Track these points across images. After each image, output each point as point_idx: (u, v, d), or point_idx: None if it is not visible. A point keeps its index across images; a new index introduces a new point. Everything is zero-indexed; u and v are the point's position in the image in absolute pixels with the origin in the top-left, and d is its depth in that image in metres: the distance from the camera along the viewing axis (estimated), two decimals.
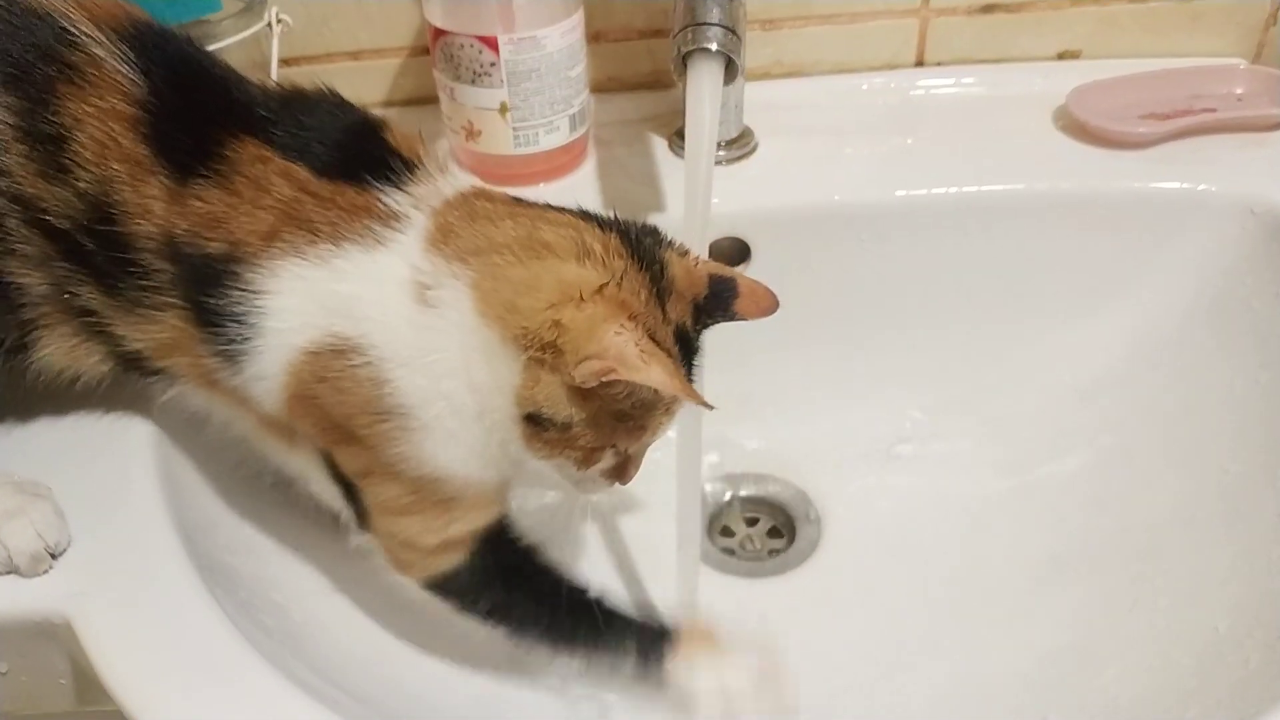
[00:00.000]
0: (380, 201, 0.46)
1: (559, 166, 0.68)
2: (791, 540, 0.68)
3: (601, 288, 0.43)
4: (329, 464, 0.48)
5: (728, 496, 0.71)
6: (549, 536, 0.64)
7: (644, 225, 0.48)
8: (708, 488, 0.70)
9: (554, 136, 0.66)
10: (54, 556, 0.48)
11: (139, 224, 0.45)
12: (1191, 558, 0.58)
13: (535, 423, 0.45)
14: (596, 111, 0.71)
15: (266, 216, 0.45)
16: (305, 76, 0.70)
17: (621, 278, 0.44)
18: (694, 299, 0.48)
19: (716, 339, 0.53)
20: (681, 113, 0.70)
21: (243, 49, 0.63)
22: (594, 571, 0.61)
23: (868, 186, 0.67)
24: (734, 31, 0.57)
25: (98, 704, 0.50)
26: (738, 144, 0.70)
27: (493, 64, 0.62)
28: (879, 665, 0.60)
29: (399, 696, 0.52)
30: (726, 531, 0.69)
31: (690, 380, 0.47)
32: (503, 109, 0.64)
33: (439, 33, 0.63)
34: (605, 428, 0.46)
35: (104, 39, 0.45)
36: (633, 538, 0.66)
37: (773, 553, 0.68)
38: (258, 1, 0.65)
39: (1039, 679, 0.57)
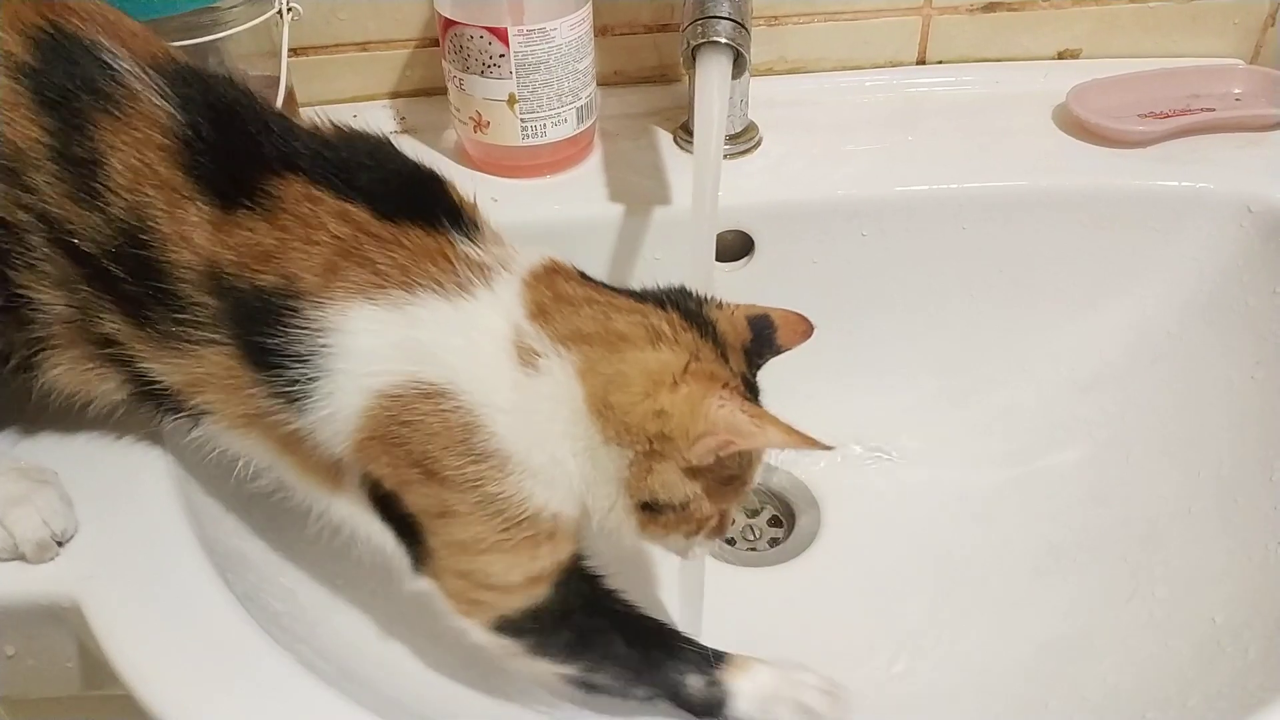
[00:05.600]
0: (455, 249, 0.46)
1: (566, 159, 0.68)
2: (791, 529, 0.69)
3: (687, 365, 0.44)
4: (386, 505, 0.47)
5: None
6: None
7: (680, 290, 0.49)
8: None
9: (561, 129, 0.66)
10: (60, 544, 0.48)
11: (176, 252, 0.44)
12: (1189, 550, 0.59)
13: (651, 509, 0.46)
14: (603, 104, 0.71)
15: (322, 253, 0.44)
16: (314, 66, 0.72)
17: (698, 350, 0.45)
18: (743, 345, 0.49)
19: None
20: (686, 106, 0.71)
21: (252, 37, 0.63)
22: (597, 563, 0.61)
23: (869, 182, 0.68)
24: (743, 25, 0.57)
25: (105, 688, 0.50)
26: (742, 138, 0.70)
27: (502, 55, 0.62)
28: (878, 654, 0.60)
29: (407, 679, 0.52)
30: None
31: None
32: (511, 100, 0.64)
33: (449, 23, 0.63)
34: (717, 495, 0.47)
35: (142, 74, 0.45)
36: None
37: (773, 542, 0.68)
38: None
39: (1039, 668, 0.57)
